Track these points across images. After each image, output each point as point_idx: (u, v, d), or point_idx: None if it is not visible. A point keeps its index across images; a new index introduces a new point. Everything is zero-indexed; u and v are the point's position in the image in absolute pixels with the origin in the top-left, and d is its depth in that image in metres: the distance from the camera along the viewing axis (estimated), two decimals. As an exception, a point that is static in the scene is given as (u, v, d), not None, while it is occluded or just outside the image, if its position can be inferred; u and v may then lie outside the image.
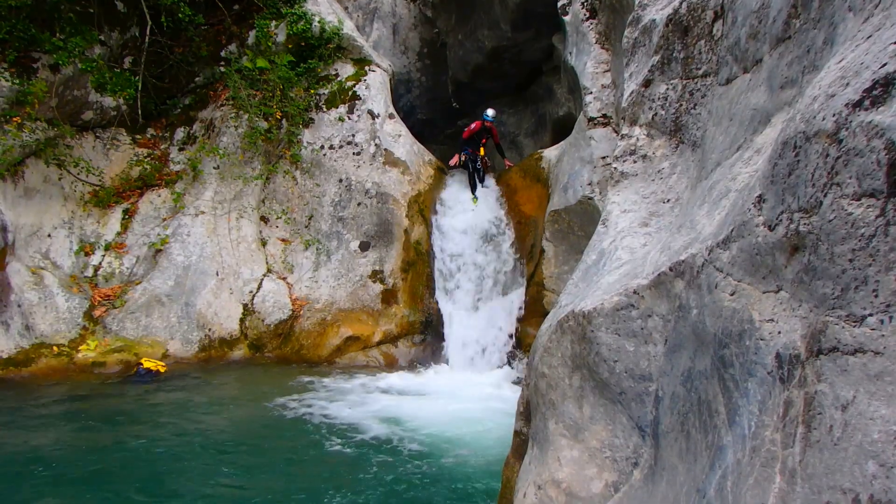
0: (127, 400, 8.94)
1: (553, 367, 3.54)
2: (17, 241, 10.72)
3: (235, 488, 6.32)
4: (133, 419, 8.17)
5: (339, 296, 11.67)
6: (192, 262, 11.50)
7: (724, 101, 3.48)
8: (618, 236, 3.99)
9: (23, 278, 10.58)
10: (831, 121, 1.92)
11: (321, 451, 7.29)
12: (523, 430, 4.28)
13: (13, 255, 10.61)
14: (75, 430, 7.79)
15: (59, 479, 6.39)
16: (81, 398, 8.94)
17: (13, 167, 10.71)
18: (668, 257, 3.05)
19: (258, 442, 7.61)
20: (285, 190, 12.21)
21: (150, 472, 6.59)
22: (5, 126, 10.36)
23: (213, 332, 11.25)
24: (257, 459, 7.04)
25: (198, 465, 6.83)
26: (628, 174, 4.39)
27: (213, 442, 7.54)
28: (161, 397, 9.07)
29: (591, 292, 3.58)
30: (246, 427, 8.16)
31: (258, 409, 8.76)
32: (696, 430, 2.47)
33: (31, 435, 7.52)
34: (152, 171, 12.18)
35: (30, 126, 10.66)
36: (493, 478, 6.35)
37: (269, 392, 9.40)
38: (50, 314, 10.58)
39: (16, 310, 10.32)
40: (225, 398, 9.25)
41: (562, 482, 3.31)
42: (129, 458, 6.92)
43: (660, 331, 3.03)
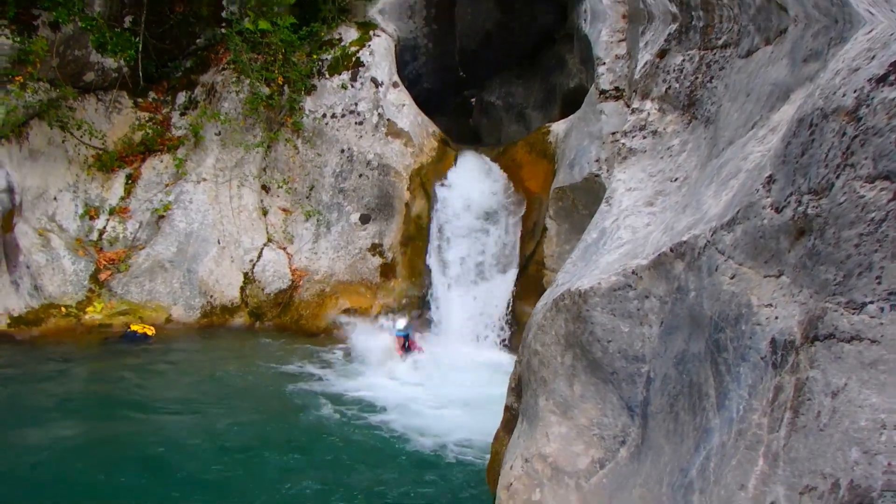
0: (128, 361, 9.14)
1: (546, 345, 3.51)
2: (24, 203, 10.75)
3: (218, 442, 6.63)
4: (129, 378, 8.42)
5: (338, 268, 11.62)
6: (194, 229, 11.48)
7: (743, 74, 3.40)
8: (621, 215, 3.93)
9: (30, 240, 10.65)
10: (852, 97, 1.85)
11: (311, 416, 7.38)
12: (514, 406, 4.27)
13: (21, 216, 10.65)
14: (81, 385, 8.22)
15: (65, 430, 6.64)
16: (87, 357, 9.23)
17: (18, 128, 10.68)
18: (670, 238, 3.00)
19: (249, 401, 7.85)
20: (286, 159, 12.10)
21: (144, 424, 6.94)
22: (8, 86, 10.29)
23: (215, 299, 11.28)
24: (248, 416, 7.30)
25: (192, 418, 7.23)
26: (636, 151, 4.32)
27: (206, 401, 7.77)
28: (160, 359, 9.28)
29: (588, 271, 3.53)
30: (237, 390, 8.33)
31: (253, 374, 8.85)
32: (685, 411, 2.44)
33: (42, 387, 7.87)
34: (154, 135, 12.08)
35: (32, 86, 10.57)
36: (483, 450, 6.36)
37: (267, 359, 9.51)
38: (57, 276, 10.67)
39: (25, 270, 10.43)
40: (221, 362, 9.35)
41: (549, 456, 3.30)
42: (123, 412, 7.28)
43: (656, 312, 2.99)
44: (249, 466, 6.20)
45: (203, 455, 6.43)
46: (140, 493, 5.66)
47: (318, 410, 7.74)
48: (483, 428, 7.09)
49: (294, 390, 8.37)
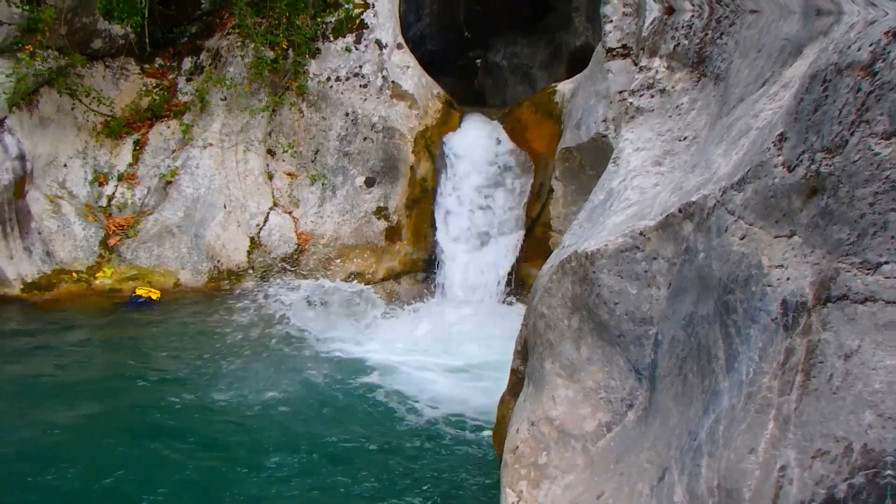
0: (135, 324, 9.38)
1: (552, 308, 3.48)
2: (35, 170, 10.81)
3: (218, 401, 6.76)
4: (137, 341, 8.72)
5: (343, 231, 11.61)
6: (201, 195, 11.48)
7: (754, 30, 3.31)
8: (628, 175, 3.87)
9: (42, 206, 10.72)
10: (867, 51, 1.79)
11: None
12: (520, 369, 4.26)
13: (32, 183, 10.73)
14: (93, 348, 8.45)
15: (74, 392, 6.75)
16: (99, 321, 9.42)
17: (28, 96, 10.70)
18: (679, 198, 2.95)
19: (253, 362, 7.95)
20: (291, 123, 12.02)
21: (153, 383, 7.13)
22: (18, 54, 10.38)
23: (222, 263, 11.32)
24: (251, 374, 7.44)
25: (196, 378, 7.44)
26: (644, 110, 4.23)
27: (210, 364, 7.97)
28: (166, 323, 9.42)
29: (595, 233, 3.49)
30: (242, 349, 8.43)
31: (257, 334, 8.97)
32: (694, 374, 2.42)
33: (55, 352, 8.12)
34: (161, 101, 12.05)
35: (41, 54, 10.62)
36: (488, 414, 6.40)
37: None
38: (68, 242, 10.74)
39: (36, 237, 10.52)
40: (226, 325, 9.42)
41: (555, 419, 3.29)
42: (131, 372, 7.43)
43: (664, 274, 2.95)
44: (245, 432, 6.23)
45: (204, 419, 6.51)
46: (142, 457, 5.72)
47: (319, 372, 7.81)
48: (488, 391, 7.14)
49: (298, 353, 8.44)
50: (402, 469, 5.62)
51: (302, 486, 5.43)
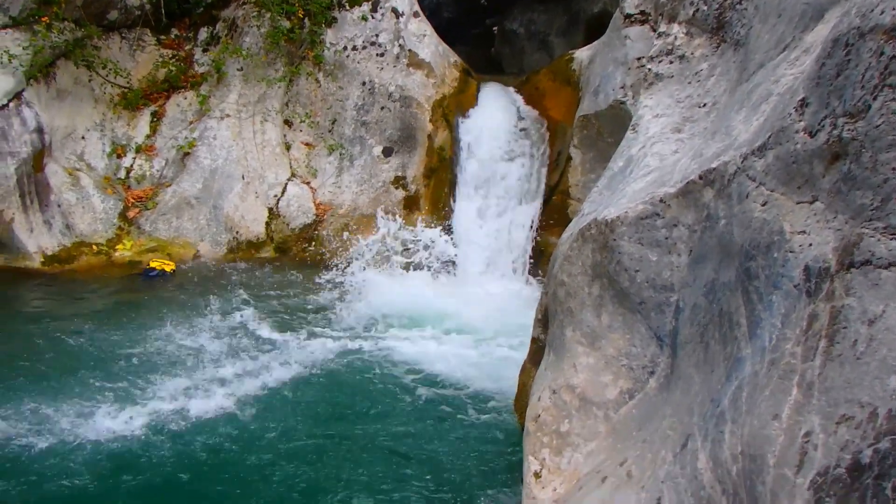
0: (151, 295, 9.42)
1: (573, 276, 3.49)
2: (54, 142, 10.86)
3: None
4: (152, 313, 8.66)
5: (361, 201, 11.63)
6: (219, 166, 11.51)
7: (775, -7, 3.25)
8: (647, 142, 3.85)
9: (60, 179, 10.79)
10: (890, 14, 1.76)
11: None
12: (540, 337, 4.28)
13: (50, 156, 10.78)
14: (110, 317, 8.45)
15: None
16: (118, 291, 9.52)
17: (45, 69, 10.71)
18: (699, 165, 2.94)
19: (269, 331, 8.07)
20: (308, 93, 11.99)
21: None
22: (35, 27, 10.39)
23: (241, 234, 11.39)
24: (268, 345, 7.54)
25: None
26: (663, 76, 4.19)
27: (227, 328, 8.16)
28: (182, 292, 9.52)
29: (615, 200, 3.48)
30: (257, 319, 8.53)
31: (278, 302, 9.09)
32: (716, 341, 2.42)
33: (74, 323, 8.12)
34: (178, 72, 12.04)
35: (58, 26, 10.62)
36: (509, 382, 6.44)
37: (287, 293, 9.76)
38: (87, 214, 10.83)
39: (56, 209, 10.59)
40: (245, 297, 9.51)
41: (577, 387, 3.32)
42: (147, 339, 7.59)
43: (685, 241, 2.95)
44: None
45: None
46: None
47: (335, 340, 7.92)
48: (509, 360, 7.19)
49: (316, 321, 8.52)
50: (421, 436, 5.69)
51: (319, 451, 5.53)
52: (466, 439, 5.61)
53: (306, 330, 8.30)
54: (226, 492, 4.96)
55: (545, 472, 3.25)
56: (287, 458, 5.41)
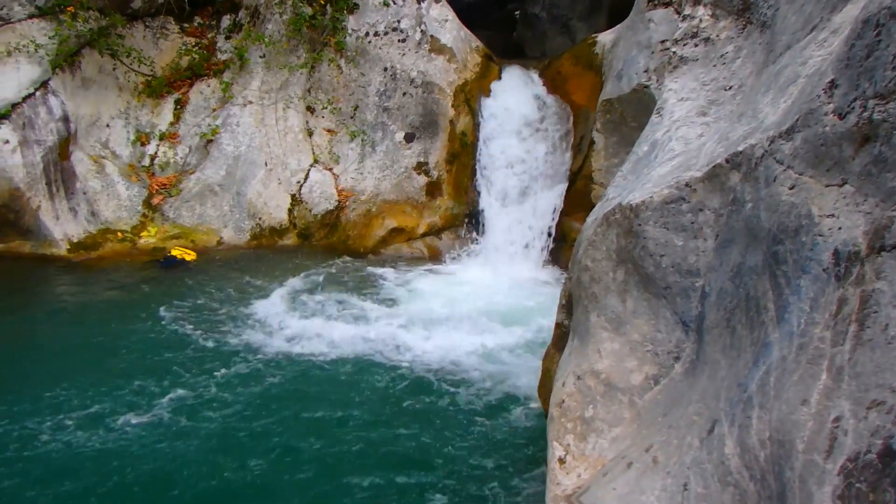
0: (175, 281, 9.54)
1: (597, 261, 3.47)
2: (79, 130, 10.99)
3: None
4: (176, 298, 8.78)
5: (383, 187, 11.65)
6: (242, 153, 11.58)
7: (802, -27, 3.20)
8: (672, 126, 3.81)
9: (86, 167, 10.93)
10: (920, -7, 1.72)
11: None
12: (564, 323, 4.27)
13: (76, 144, 10.92)
14: (132, 306, 8.54)
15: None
16: (140, 280, 9.58)
17: (70, 58, 10.84)
18: (725, 148, 2.90)
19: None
20: (330, 79, 12.00)
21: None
22: (60, 16, 10.53)
23: (264, 220, 11.46)
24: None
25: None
26: (688, 59, 4.14)
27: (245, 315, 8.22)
28: (209, 278, 9.65)
29: (640, 185, 3.45)
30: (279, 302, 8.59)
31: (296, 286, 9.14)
32: (742, 326, 2.40)
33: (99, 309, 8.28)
34: (201, 60, 12.11)
35: (83, 15, 10.76)
36: (532, 368, 6.45)
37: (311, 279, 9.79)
38: (112, 201, 10.97)
39: (81, 197, 10.74)
40: (269, 282, 9.61)
41: (601, 373, 3.31)
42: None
43: (711, 225, 2.92)
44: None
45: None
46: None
47: (364, 324, 7.97)
48: (531, 345, 7.19)
49: (343, 308, 8.56)
50: (442, 421, 5.72)
51: (343, 429, 5.59)
52: (489, 425, 5.63)
53: (325, 314, 8.36)
54: (240, 479, 5.01)
55: (569, 457, 3.25)
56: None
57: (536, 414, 5.53)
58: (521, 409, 5.87)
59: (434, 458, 5.19)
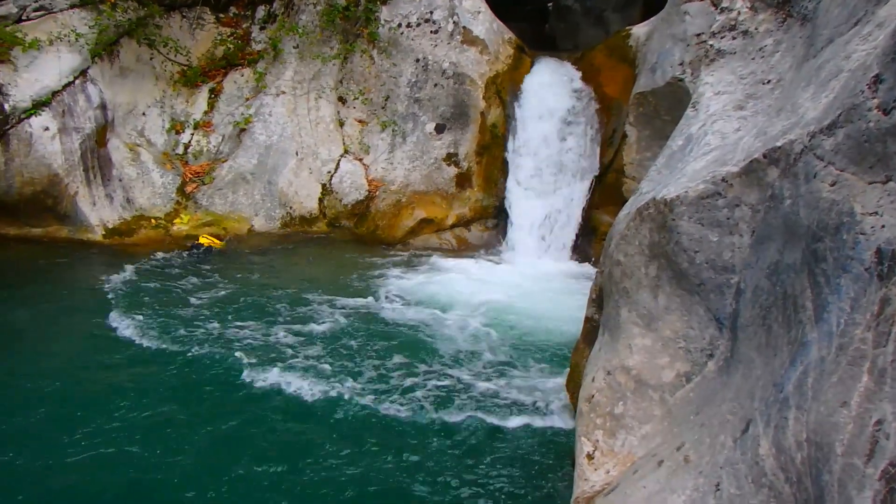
0: (206, 268, 9.68)
1: (629, 256, 3.44)
2: (116, 118, 11.20)
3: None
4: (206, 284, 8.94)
5: (413, 178, 11.66)
6: (274, 142, 11.68)
7: (846, -36, 3.12)
8: (708, 120, 3.75)
9: (122, 154, 11.13)
10: (971, -15, 1.67)
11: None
12: (594, 317, 4.24)
13: (113, 132, 11.13)
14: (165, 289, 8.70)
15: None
16: (174, 265, 9.73)
17: (109, 47, 11.05)
18: (763, 143, 2.85)
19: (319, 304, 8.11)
20: (362, 70, 12.04)
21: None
22: (100, 6, 10.76)
23: (294, 209, 11.56)
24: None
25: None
26: (725, 52, 4.06)
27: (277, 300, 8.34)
28: (236, 266, 9.80)
29: (674, 179, 3.40)
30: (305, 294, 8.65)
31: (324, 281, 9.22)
32: (779, 324, 2.36)
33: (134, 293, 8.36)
34: (235, 50, 12.27)
35: (122, 5, 10.99)
36: (561, 363, 6.42)
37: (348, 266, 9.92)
38: (147, 189, 11.16)
39: (117, 184, 10.95)
40: (301, 272, 9.75)
41: (632, 369, 3.28)
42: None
43: (747, 221, 2.87)
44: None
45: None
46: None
47: (391, 315, 8.03)
48: (560, 339, 7.16)
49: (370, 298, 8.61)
50: (469, 410, 5.72)
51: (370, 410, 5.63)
52: (517, 417, 5.62)
53: (354, 304, 8.41)
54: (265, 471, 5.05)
55: (598, 454, 3.23)
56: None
57: (566, 408, 5.51)
58: (550, 402, 5.84)
59: (459, 445, 5.20)
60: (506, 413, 5.70)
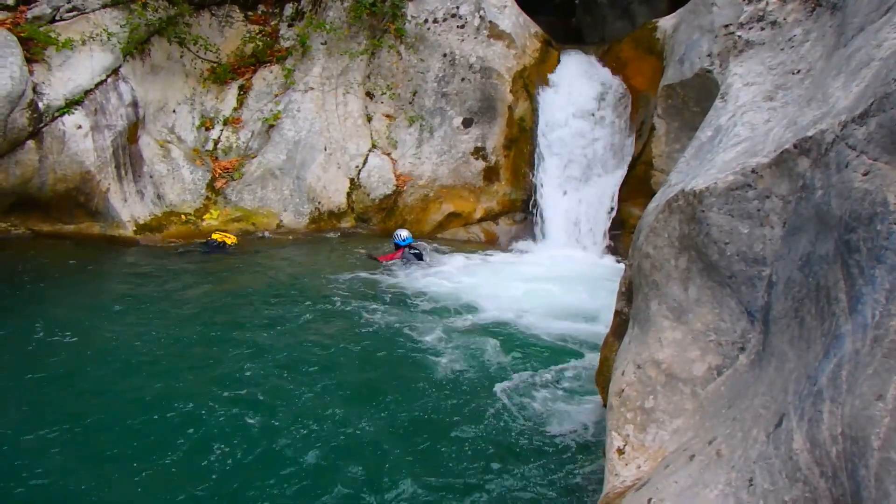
0: (235, 262, 9.81)
1: (658, 248, 3.41)
2: (147, 116, 11.38)
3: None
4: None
5: (441, 172, 11.68)
6: (302, 137, 11.76)
7: (877, -49, 3.07)
8: (738, 111, 3.70)
9: (153, 151, 11.31)
10: None
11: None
12: (624, 310, 4.22)
13: (144, 129, 11.30)
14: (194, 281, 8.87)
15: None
16: (203, 259, 9.90)
17: (140, 46, 11.25)
18: (794, 133, 2.81)
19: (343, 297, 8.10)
20: (390, 65, 12.07)
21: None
22: (132, 6, 10.96)
23: (322, 204, 11.64)
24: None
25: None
26: (754, 43, 4.01)
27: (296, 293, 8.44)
28: (267, 260, 9.95)
29: (703, 171, 3.37)
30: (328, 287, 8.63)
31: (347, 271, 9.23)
32: (812, 316, 2.33)
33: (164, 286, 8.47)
34: (264, 47, 12.40)
35: (153, 4, 11.19)
36: (590, 356, 6.39)
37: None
38: (177, 185, 11.32)
39: (148, 180, 11.11)
40: (327, 265, 9.80)
41: (662, 362, 3.26)
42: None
43: (778, 213, 2.84)
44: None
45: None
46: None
47: (416, 309, 8.05)
48: (588, 333, 7.13)
49: (395, 291, 8.63)
50: (498, 401, 5.72)
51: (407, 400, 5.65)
52: (546, 410, 5.61)
53: (381, 299, 8.44)
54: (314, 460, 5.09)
55: (629, 448, 3.22)
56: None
57: (595, 402, 5.49)
58: (579, 396, 5.83)
59: (488, 433, 5.22)
60: (533, 404, 5.69)
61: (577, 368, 6.38)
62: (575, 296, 8.48)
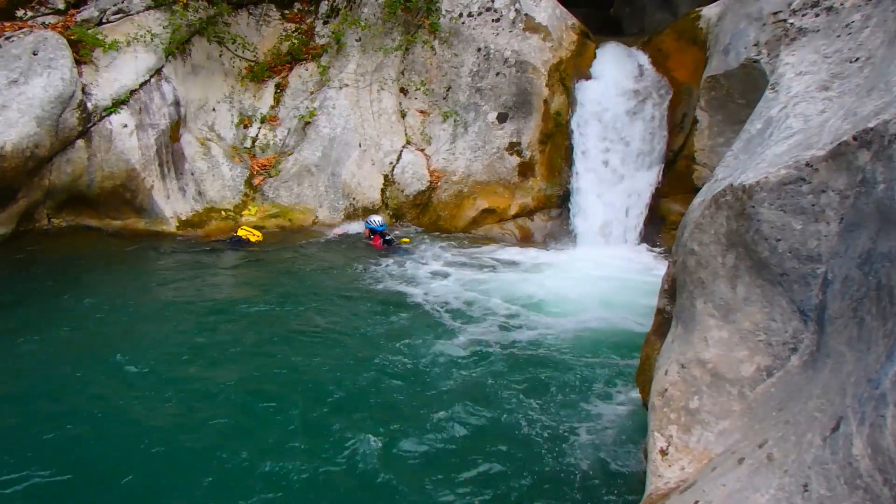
0: (284, 257, 10.03)
1: (704, 245, 3.29)
2: (188, 114, 11.57)
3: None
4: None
5: (475, 168, 11.60)
6: (337, 134, 11.79)
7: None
8: (790, 102, 3.56)
9: (193, 149, 11.51)
10: None
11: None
12: (666, 309, 4.09)
13: (185, 127, 11.50)
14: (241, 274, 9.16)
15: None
16: (247, 252, 10.10)
17: (181, 46, 11.44)
18: (853, 125, 2.68)
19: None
20: (424, 61, 12.02)
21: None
22: (173, 7, 11.19)
23: (357, 200, 11.66)
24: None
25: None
26: (807, 30, 3.85)
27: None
28: (306, 253, 10.16)
29: (753, 165, 3.25)
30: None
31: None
32: (872, 317, 2.21)
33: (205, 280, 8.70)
34: (300, 45, 12.49)
35: (193, 5, 11.39)
36: (630, 355, 6.27)
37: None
38: (217, 182, 11.49)
39: (189, 177, 11.31)
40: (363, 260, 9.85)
41: (708, 362, 3.15)
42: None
43: (834, 208, 2.71)
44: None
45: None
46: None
47: (453, 305, 8.02)
48: (629, 331, 7.00)
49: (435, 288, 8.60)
50: (537, 401, 5.63)
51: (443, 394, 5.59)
52: (584, 409, 5.51)
53: (415, 292, 8.42)
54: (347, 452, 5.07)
55: (672, 449, 3.12)
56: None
57: (635, 402, 5.38)
58: (619, 395, 5.72)
59: (528, 430, 5.15)
60: (571, 403, 5.60)
61: (615, 367, 6.27)
62: (612, 291, 8.35)
